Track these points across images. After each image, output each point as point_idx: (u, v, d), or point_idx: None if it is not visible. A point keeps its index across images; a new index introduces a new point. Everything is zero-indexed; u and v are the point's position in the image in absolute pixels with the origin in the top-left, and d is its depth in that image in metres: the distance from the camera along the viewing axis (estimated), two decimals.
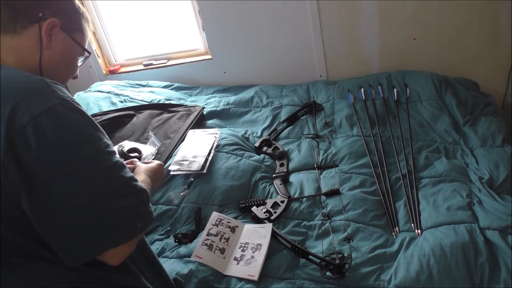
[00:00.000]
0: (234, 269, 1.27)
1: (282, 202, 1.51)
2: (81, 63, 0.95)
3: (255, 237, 1.36)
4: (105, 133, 0.79)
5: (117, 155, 0.80)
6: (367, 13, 2.20)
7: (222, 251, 1.32)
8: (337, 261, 1.21)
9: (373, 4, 2.17)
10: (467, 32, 2.18)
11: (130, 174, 0.80)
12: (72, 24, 0.89)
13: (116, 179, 0.76)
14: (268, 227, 1.37)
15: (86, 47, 0.94)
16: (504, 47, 2.16)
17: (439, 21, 2.17)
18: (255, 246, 1.32)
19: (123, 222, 0.76)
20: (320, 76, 2.45)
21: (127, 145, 1.76)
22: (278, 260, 1.29)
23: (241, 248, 1.33)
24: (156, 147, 1.81)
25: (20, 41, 0.82)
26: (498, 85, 2.26)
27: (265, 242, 1.32)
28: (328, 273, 1.21)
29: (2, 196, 0.69)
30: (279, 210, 1.47)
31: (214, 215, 1.42)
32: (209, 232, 1.36)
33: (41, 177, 0.70)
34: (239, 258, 1.30)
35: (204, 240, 1.33)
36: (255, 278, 1.22)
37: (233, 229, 1.39)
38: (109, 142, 0.80)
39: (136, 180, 0.80)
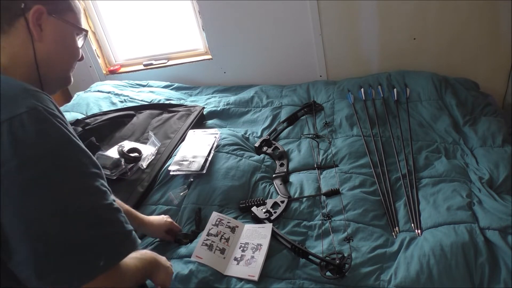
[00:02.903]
0: (234, 269, 1.27)
1: (282, 202, 1.51)
2: (82, 43, 0.88)
3: (255, 237, 1.35)
4: (83, 149, 0.70)
5: (95, 173, 0.70)
6: (367, 13, 2.20)
7: (222, 251, 1.32)
8: (337, 261, 1.21)
9: (373, 4, 2.17)
10: (467, 32, 2.18)
11: (102, 199, 0.69)
12: (60, 5, 0.82)
13: (79, 202, 0.66)
14: (268, 227, 1.37)
15: (81, 26, 0.86)
16: (504, 47, 2.16)
17: (439, 21, 2.17)
18: (255, 246, 1.32)
19: (80, 256, 0.65)
20: (320, 76, 2.45)
21: (127, 145, 1.76)
22: (278, 260, 1.28)
23: (241, 248, 1.33)
24: (156, 147, 1.81)
25: (10, 39, 0.76)
26: (498, 85, 2.26)
27: (265, 242, 1.32)
28: (328, 273, 1.21)
29: None
30: (279, 210, 1.47)
31: (214, 215, 1.42)
32: (209, 232, 1.36)
33: None
34: (239, 258, 1.30)
35: (204, 240, 1.33)
36: (255, 278, 1.22)
37: (233, 229, 1.39)
38: (87, 159, 0.70)
39: (112, 209, 0.70)
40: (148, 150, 1.77)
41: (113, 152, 1.72)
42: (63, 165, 0.67)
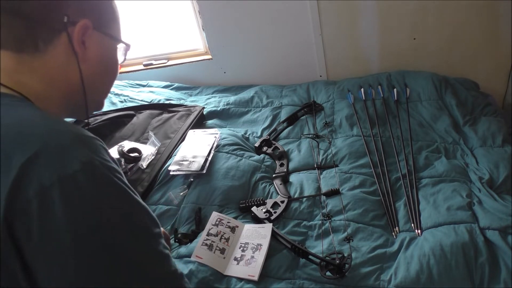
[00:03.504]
0: (234, 269, 1.26)
1: (282, 202, 1.51)
2: (122, 59, 0.74)
3: (255, 237, 1.35)
4: (143, 205, 0.59)
5: (157, 234, 0.59)
6: (367, 13, 2.20)
7: (222, 251, 1.31)
8: (337, 261, 1.21)
9: (373, 4, 2.16)
10: (467, 32, 2.18)
11: (169, 266, 0.59)
12: (106, 17, 0.69)
13: (146, 274, 0.56)
14: (268, 227, 1.37)
15: (123, 38, 0.73)
16: (504, 47, 2.16)
17: (439, 21, 2.17)
18: (255, 246, 1.32)
19: None
20: (320, 76, 2.45)
21: (127, 145, 1.76)
22: (278, 260, 1.28)
23: (241, 248, 1.33)
24: (156, 147, 1.81)
25: (46, 59, 0.63)
26: (498, 85, 2.26)
27: (265, 242, 1.32)
28: (328, 273, 1.21)
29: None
30: (279, 210, 1.47)
31: (214, 215, 1.42)
32: (209, 232, 1.36)
33: (42, 279, 0.51)
34: (239, 258, 1.30)
35: (204, 240, 1.33)
36: (255, 278, 1.22)
37: (233, 229, 1.39)
38: (149, 219, 0.59)
39: (177, 276, 0.61)
40: (148, 150, 1.77)
41: (113, 152, 1.71)
42: (128, 232, 0.56)
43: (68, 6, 0.62)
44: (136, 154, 1.71)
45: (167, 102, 2.29)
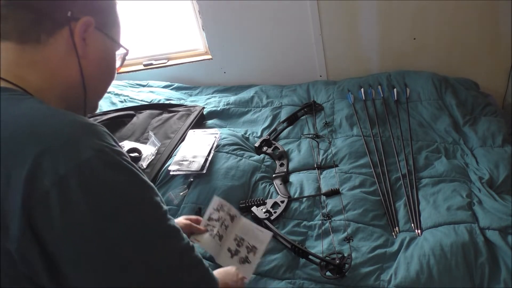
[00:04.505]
0: (228, 262, 1.17)
1: (282, 202, 1.51)
2: (120, 64, 0.75)
3: (252, 237, 1.28)
4: (150, 184, 0.60)
5: (165, 211, 0.62)
6: (367, 13, 2.20)
7: (220, 237, 1.21)
8: (337, 261, 1.21)
9: (373, 4, 2.17)
10: (467, 32, 2.18)
11: (180, 240, 0.62)
12: (109, 18, 0.70)
13: (160, 250, 0.58)
14: (267, 235, 1.25)
15: (123, 43, 0.74)
16: (504, 47, 2.16)
17: (439, 21, 2.17)
18: (250, 247, 1.25)
19: None
20: (320, 76, 2.45)
21: (127, 145, 1.76)
22: (278, 260, 1.28)
23: (237, 242, 1.26)
24: (156, 147, 1.81)
25: (46, 52, 0.63)
26: (498, 85, 2.26)
27: (261, 248, 1.25)
28: (328, 273, 1.21)
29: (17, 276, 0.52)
30: (279, 210, 1.47)
31: (216, 200, 1.28)
32: (211, 217, 1.24)
33: (68, 266, 0.52)
34: (233, 252, 1.21)
35: (206, 226, 1.22)
36: (246, 281, 1.15)
37: (232, 218, 1.28)
38: (157, 196, 0.61)
39: (189, 249, 0.63)
40: (148, 150, 1.77)
41: None
42: (144, 211, 0.58)
43: (73, 3, 0.64)
44: (136, 154, 1.71)
45: (167, 102, 2.29)
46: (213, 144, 1.75)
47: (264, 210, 1.47)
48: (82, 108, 0.71)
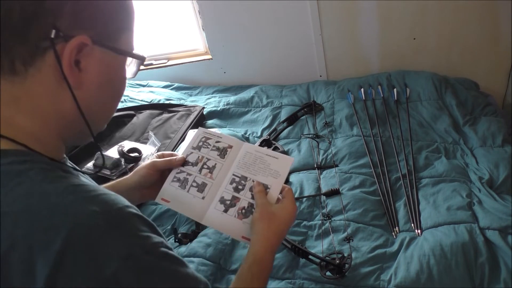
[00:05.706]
0: (219, 220, 0.80)
1: None
2: (134, 73, 0.60)
3: (260, 171, 0.84)
4: (156, 228, 0.51)
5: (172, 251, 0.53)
6: (367, 13, 2.20)
7: (201, 187, 0.84)
8: (337, 261, 1.21)
9: (373, 4, 2.17)
10: (467, 32, 2.18)
11: (184, 267, 0.52)
12: (113, 26, 0.53)
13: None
14: (285, 161, 0.86)
15: (135, 48, 0.58)
16: (504, 47, 2.16)
17: (439, 21, 2.17)
18: None
19: None
20: (320, 76, 2.45)
21: (127, 145, 1.76)
22: (278, 260, 1.28)
23: (234, 185, 0.84)
24: (156, 147, 1.81)
25: (27, 85, 0.48)
26: (498, 85, 2.26)
27: (277, 184, 0.83)
28: (328, 273, 1.21)
29: None
30: None
31: (199, 133, 0.92)
32: (186, 160, 0.88)
33: None
34: (228, 202, 0.82)
35: (177, 173, 0.86)
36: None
37: (223, 152, 0.89)
38: (195, 277, 0.52)
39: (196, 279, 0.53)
40: (148, 150, 1.77)
41: (113, 152, 1.72)
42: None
43: (59, 16, 0.46)
44: (136, 154, 1.71)
45: (167, 102, 2.29)
46: None
47: None
48: (88, 135, 0.60)
